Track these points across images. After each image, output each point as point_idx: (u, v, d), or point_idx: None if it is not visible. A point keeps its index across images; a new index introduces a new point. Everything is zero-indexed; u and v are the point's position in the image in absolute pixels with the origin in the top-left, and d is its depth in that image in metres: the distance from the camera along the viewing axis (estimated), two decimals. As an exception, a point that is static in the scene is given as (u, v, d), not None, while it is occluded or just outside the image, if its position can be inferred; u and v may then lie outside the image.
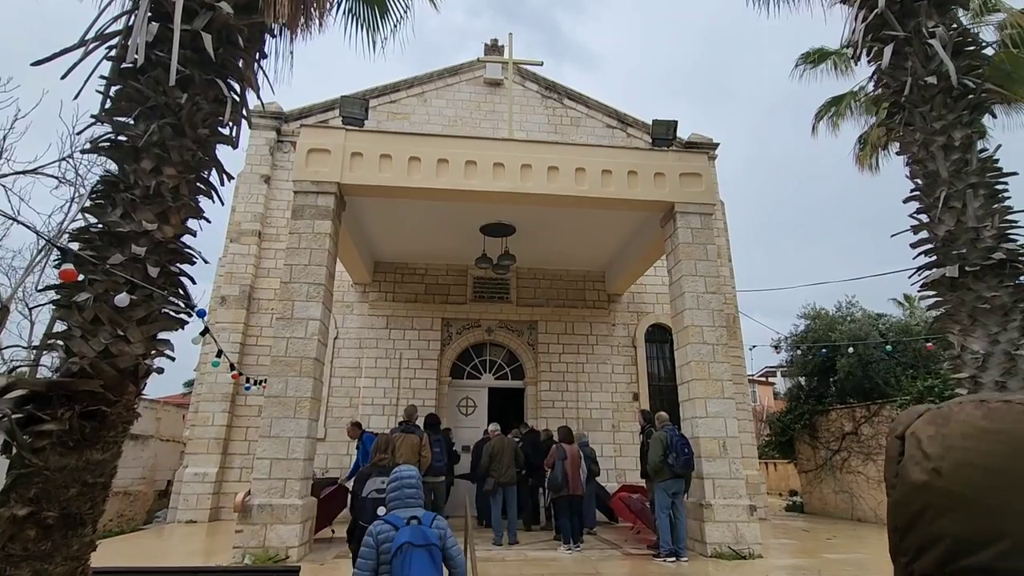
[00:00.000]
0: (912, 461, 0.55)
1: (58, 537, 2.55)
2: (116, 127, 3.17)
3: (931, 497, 0.52)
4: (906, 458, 0.56)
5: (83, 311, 2.82)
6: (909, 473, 0.55)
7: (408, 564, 2.57)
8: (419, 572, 2.56)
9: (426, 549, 2.63)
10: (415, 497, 2.85)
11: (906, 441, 0.57)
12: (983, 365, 3.51)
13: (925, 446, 0.54)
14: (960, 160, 3.83)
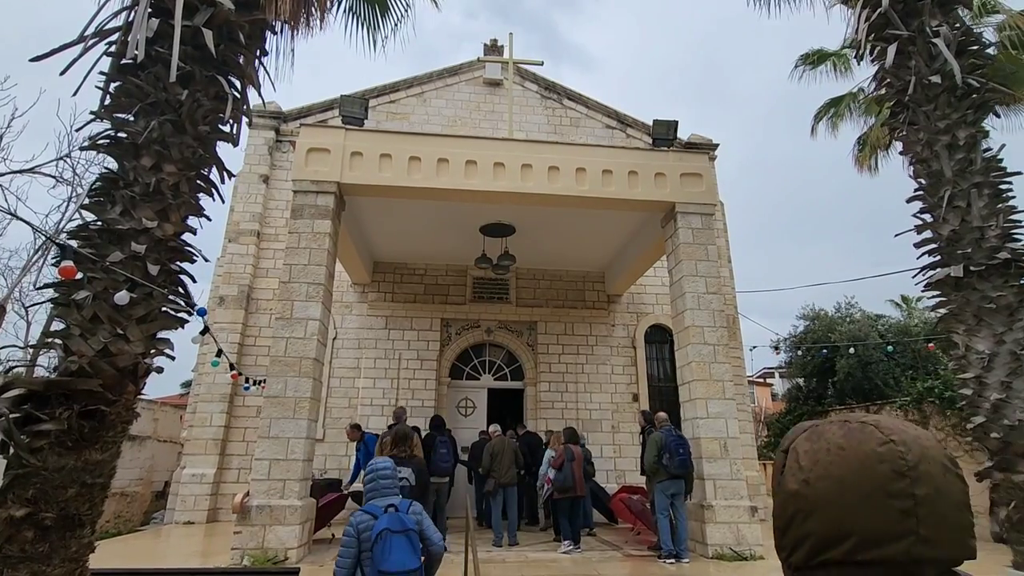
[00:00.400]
0: (790, 472, 0.67)
1: (56, 538, 2.51)
2: (116, 124, 3.13)
3: (800, 503, 0.64)
4: (786, 469, 0.67)
5: (82, 309, 2.78)
6: (787, 482, 0.66)
7: (388, 549, 2.73)
8: (399, 555, 2.73)
9: (404, 534, 2.81)
10: (391, 487, 3.01)
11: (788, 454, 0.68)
12: (988, 365, 3.49)
13: (800, 459, 0.66)
14: (964, 159, 3.82)
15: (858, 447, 0.64)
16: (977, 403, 3.55)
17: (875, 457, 0.63)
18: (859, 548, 0.61)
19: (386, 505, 2.91)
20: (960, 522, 0.64)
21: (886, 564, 0.61)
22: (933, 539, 0.61)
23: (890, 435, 0.65)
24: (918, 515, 0.61)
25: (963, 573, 0.69)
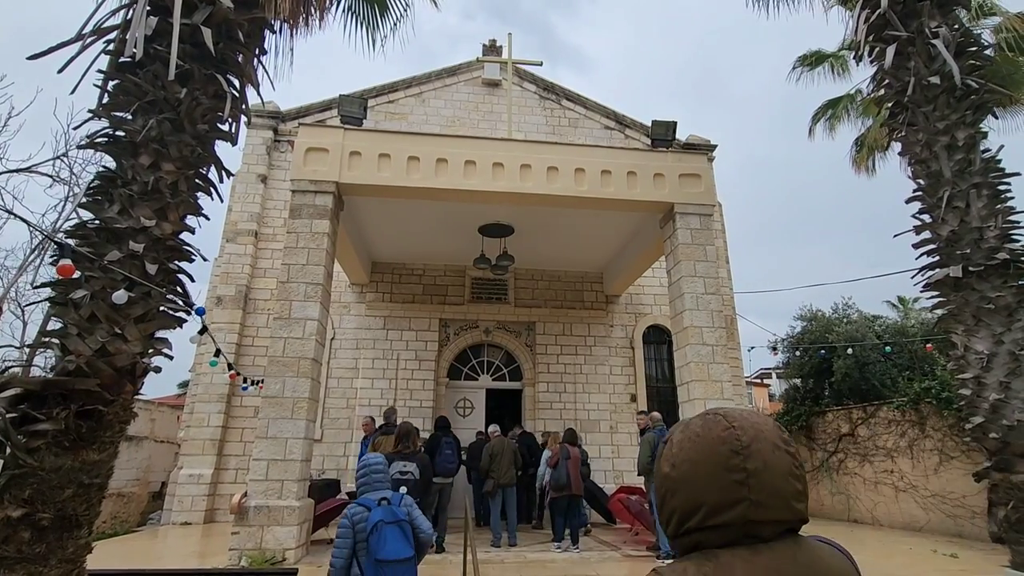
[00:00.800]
0: (664, 458, 0.82)
1: (53, 539, 2.49)
2: (114, 122, 3.12)
3: (669, 483, 0.80)
4: (663, 456, 0.83)
5: (80, 309, 2.77)
6: (662, 467, 0.82)
7: (384, 539, 2.90)
8: (394, 545, 2.90)
9: (397, 525, 2.98)
10: (383, 481, 3.19)
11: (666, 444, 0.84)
12: (987, 365, 3.49)
13: (672, 447, 0.82)
14: (963, 160, 3.83)
15: (708, 433, 0.79)
16: (976, 403, 3.55)
17: (718, 440, 0.78)
18: (708, 516, 0.76)
19: (379, 498, 3.07)
20: (786, 489, 0.78)
21: (730, 526, 0.76)
22: (764, 503, 0.75)
23: (732, 422, 0.81)
24: (749, 484, 0.76)
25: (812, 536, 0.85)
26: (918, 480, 10.00)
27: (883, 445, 10.85)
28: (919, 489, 9.96)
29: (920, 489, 9.94)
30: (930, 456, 9.80)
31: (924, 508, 9.83)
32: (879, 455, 10.94)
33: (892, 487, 10.55)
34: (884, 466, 10.77)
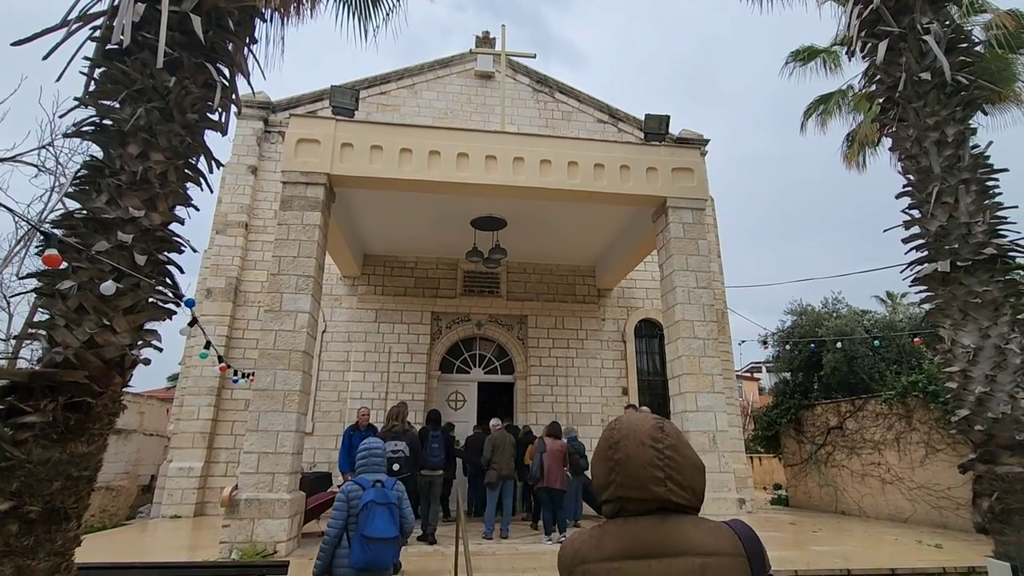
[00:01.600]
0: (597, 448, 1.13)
1: (41, 532, 2.47)
2: (101, 110, 3.06)
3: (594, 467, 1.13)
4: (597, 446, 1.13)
5: (67, 300, 2.73)
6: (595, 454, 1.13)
7: (372, 518, 3.22)
8: (381, 524, 3.23)
9: (386, 507, 3.28)
10: (380, 465, 3.48)
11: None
12: (974, 359, 3.54)
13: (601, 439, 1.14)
14: (953, 156, 3.86)
15: (606, 431, 1.14)
16: (962, 396, 3.61)
17: (604, 437, 1.13)
18: (599, 492, 1.11)
19: (374, 480, 3.35)
20: (645, 476, 1.05)
21: (610, 501, 1.08)
22: (626, 485, 1.05)
23: (616, 423, 1.14)
24: (616, 471, 1.07)
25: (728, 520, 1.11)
26: (904, 472, 10.15)
27: (870, 438, 11.00)
28: (905, 481, 10.12)
29: (906, 481, 10.10)
30: (916, 449, 9.95)
31: (910, 500, 9.99)
32: (866, 448, 11.09)
33: (879, 479, 10.71)
34: (871, 458, 10.93)
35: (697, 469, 1.11)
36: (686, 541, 1.02)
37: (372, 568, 3.20)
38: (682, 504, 1.07)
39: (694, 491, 1.09)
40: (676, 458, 1.08)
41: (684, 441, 1.13)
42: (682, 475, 1.08)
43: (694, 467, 1.11)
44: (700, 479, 1.11)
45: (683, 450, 1.11)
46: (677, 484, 1.07)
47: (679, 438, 1.12)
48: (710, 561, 0.99)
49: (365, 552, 3.17)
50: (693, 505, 1.09)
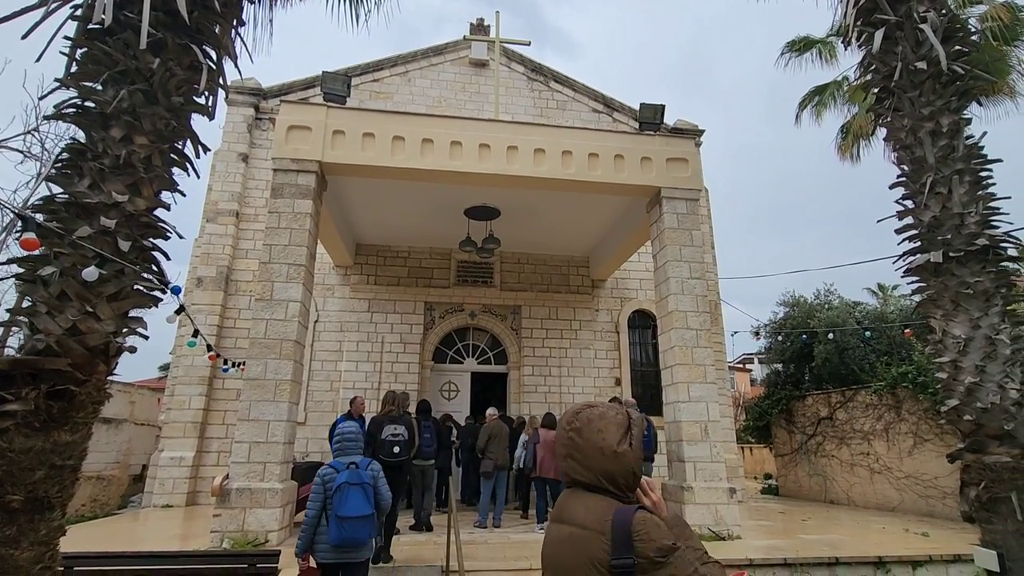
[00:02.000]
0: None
1: (24, 521, 2.43)
2: (83, 92, 2.98)
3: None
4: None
5: (49, 286, 2.67)
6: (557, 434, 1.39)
7: (345, 498, 3.45)
8: (354, 503, 3.46)
9: (360, 487, 3.50)
10: (354, 448, 3.71)
11: None
12: (964, 349, 3.56)
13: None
14: (947, 146, 3.85)
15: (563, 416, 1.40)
16: (952, 386, 3.62)
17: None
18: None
19: (348, 462, 3.57)
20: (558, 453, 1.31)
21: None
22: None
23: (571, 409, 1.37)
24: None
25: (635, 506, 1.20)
26: (893, 462, 10.27)
27: (860, 428, 11.11)
28: (893, 471, 10.24)
29: (894, 471, 10.22)
30: (905, 439, 10.05)
31: (898, 489, 10.11)
32: (856, 438, 11.20)
33: (868, 469, 10.83)
34: (860, 448, 11.04)
35: (600, 453, 1.24)
36: (573, 514, 1.21)
37: (347, 544, 3.46)
38: (586, 481, 1.25)
39: (595, 472, 1.24)
40: (577, 440, 1.27)
41: (596, 428, 1.27)
42: (582, 455, 1.26)
43: (597, 450, 1.25)
44: (603, 462, 1.24)
45: (587, 434, 1.27)
46: (578, 463, 1.27)
47: (589, 425, 1.28)
48: (575, 532, 1.18)
49: (340, 530, 3.43)
50: (598, 484, 1.24)
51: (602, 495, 1.24)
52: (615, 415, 1.32)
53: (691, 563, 1.13)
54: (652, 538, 1.12)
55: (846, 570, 5.92)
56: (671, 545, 1.12)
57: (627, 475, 1.25)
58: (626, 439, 1.27)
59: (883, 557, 6.09)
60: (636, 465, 1.27)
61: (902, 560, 6.11)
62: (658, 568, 1.11)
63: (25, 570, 2.41)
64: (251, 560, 4.87)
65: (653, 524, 1.15)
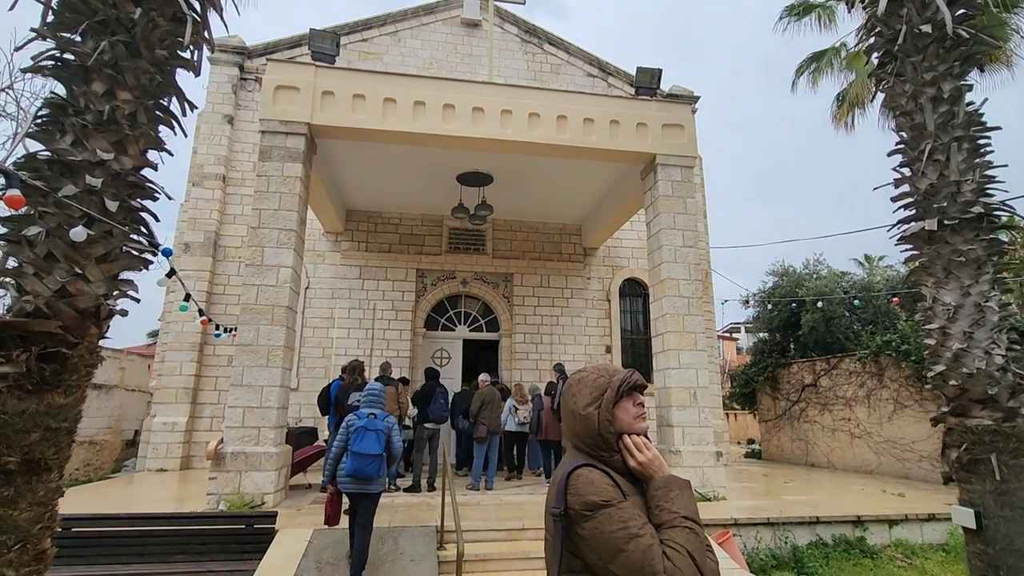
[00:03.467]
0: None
1: (21, 483, 2.42)
2: (61, 43, 2.84)
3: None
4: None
5: (35, 247, 2.59)
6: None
7: (361, 438, 4.36)
8: (368, 443, 4.35)
9: (374, 432, 4.40)
10: (377, 402, 4.62)
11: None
12: (953, 316, 3.61)
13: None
14: (948, 113, 3.82)
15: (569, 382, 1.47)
16: (939, 352, 3.68)
17: None
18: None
19: (369, 412, 4.51)
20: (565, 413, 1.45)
21: None
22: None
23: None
24: None
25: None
26: (872, 427, 10.58)
27: (843, 395, 11.39)
28: (873, 435, 10.56)
29: (874, 435, 10.53)
30: (885, 405, 10.34)
31: (876, 453, 10.45)
32: (838, 404, 11.49)
33: (848, 433, 11.15)
34: (842, 414, 11.35)
35: (571, 414, 1.37)
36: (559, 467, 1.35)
37: (359, 475, 4.33)
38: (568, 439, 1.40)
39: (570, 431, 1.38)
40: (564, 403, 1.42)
41: (573, 392, 1.39)
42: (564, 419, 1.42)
43: (568, 412, 1.38)
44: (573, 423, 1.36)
45: (565, 397, 1.41)
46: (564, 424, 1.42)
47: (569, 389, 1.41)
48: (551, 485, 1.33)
49: (354, 463, 4.32)
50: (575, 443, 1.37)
51: (577, 453, 1.35)
52: (594, 380, 1.37)
53: (620, 521, 1.16)
54: (580, 492, 1.21)
55: (826, 528, 6.15)
56: (598, 502, 1.19)
57: (592, 436, 1.32)
58: (595, 403, 1.33)
59: (861, 516, 6.33)
60: (602, 428, 1.31)
61: (879, 519, 6.36)
62: (585, 520, 1.19)
63: (24, 530, 2.41)
64: (248, 521, 4.96)
65: (585, 480, 1.22)
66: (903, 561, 5.87)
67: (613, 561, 1.14)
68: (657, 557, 1.12)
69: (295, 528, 5.12)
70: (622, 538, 1.14)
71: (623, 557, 1.13)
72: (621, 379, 1.36)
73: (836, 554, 5.86)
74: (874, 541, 6.16)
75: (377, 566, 4.60)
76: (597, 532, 1.16)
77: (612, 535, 1.15)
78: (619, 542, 1.14)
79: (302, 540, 4.84)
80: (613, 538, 1.15)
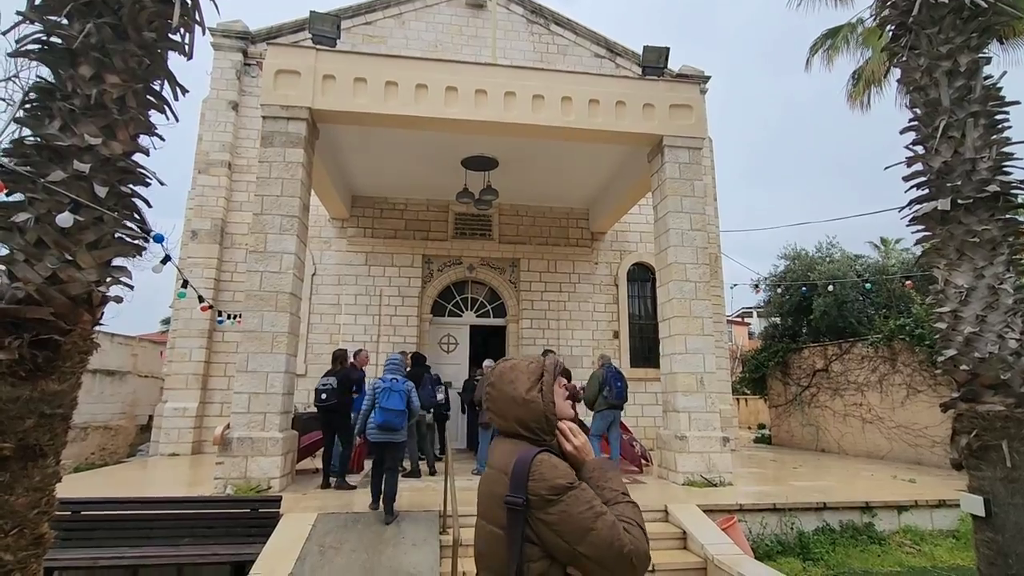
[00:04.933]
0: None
1: (17, 468, 2.43)
2: (47, 26, 2.80)
3: None
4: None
5: (25, 233, 2.57)
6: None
7: (386, 397, 5.30)
8: (392, 401, 5.30)
9: (396, 392, 5.36)
10: (398, 370, 5.63)
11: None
12: (966, 299, 3.49)
13: None
14: (964, 87, 3.66)
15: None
16: (950, 336, 3.58)
17: None
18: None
19: (392, 377, 5.48)
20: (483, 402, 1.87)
21: None
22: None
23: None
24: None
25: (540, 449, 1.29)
26: (885, 412, 10.44)
27: (854, 380, 11.24)
28: (885, 421, 10.43)
29: (886, 420, 10.40)
30: (898, 390, 10.19)
31: (888, 438, 10.32)
32: (850, 389, 11.35)
33: (860, 419, 11.03)
34: (854, 399, 11.21)
35: (511, 401, 1.35)
36: (493, 458, 1.35)
37: (387, 426, 5.28)
38: (504, 429, 1.37)
39: (509, 419, 1.35)
40: (492, 392, 1.40)
41: (508, 379, 1.38)
42: (496, 405, 1.39)
43: (508, 399, 1.35)
44: (515, 409, 1.34)
45: (500, 386, 1.39)
46: (495, 413, 1.39)
47: (502, 377, 1.39)
48: (492, 473, 1.32)
49: (382, 416, 5.27)
50: (514, 431, 1.35)
51: (518, 440, 1.34)
52: (527, 366, 1.41)
53: (586, 502, 1.18)
54: (546, 477, 1.20)
55: (833, 514, 6.10)
56: (565, 485, 1.19)
57: (539, 420, 1.33)
58: (536, 387, 1.35)
59: (870, 502, 6.26)
60: (547, 410, 1.33)
61: (888, 505, 6.28)
62: (551, 505, 1.18)
63: (21, 515, 2.43)
64: (253, 505, 5.01)
65: (549, 465, 1.22)
66: (911, 547, 5.80)
67: (582, 542, 1.14)
68: (621, 531, 1.16)
69: (300, 513, 5.17)
70: (590, 517, 1.16)
71: (592, 536, 1.14)
72: (554, 363, 1.42)
73: (843, 540, 5.81)
74: (882, 527, 6.09)
75: (380, 549, 4.63)
76: (565, 515, 1.17)
77: (581, 516, 1.16)
78: (587, 522, 1.16)
79: (306, 524, 4.89)
80: (582, 519, 1.16)
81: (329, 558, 4.49)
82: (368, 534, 4.86)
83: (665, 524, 5.58)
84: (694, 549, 5.15)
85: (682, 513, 5.55)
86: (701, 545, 5.02)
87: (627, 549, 1.14)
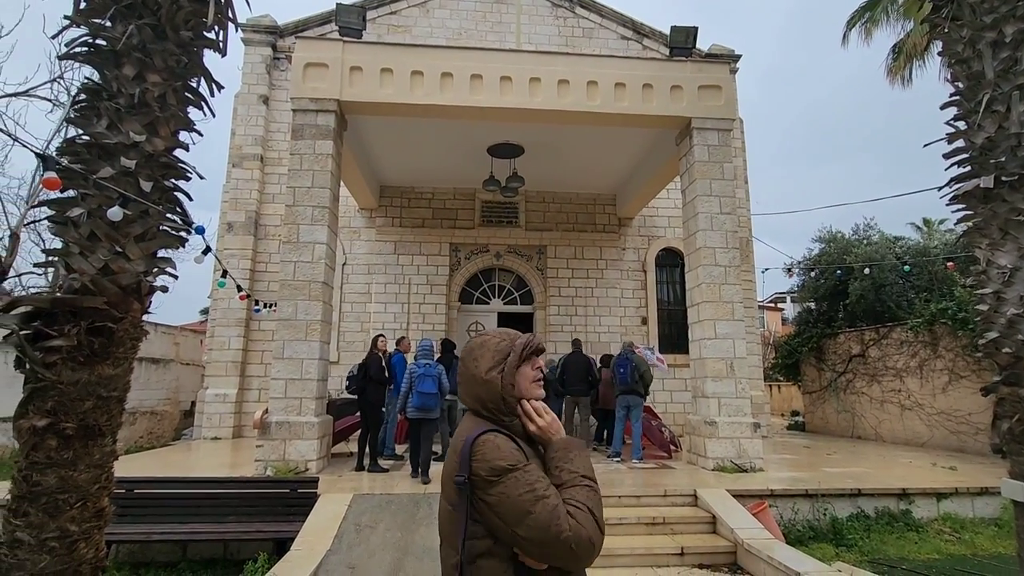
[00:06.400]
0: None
1: (79, 446, 2.61)
2: (93, 29, 2.94)
3: None
4: None
5: (79, 227, 2.74)
6: None
7: (422, 381, 6.04)
8: (427, 385, 6.05)
9: (430, 377, 6.09)
10: (429, 355, 6.30)
11: None
12: (1009, 280, 3.36)
13: None
14: (1009, 59, 3.49)
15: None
16: (992, 319, 3.46)
17: None
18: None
19: (425, 363, 6.16)
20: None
21: None
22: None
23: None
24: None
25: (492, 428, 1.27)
26: (925, 399, 10.14)
27: (893, 365, 10.93)
28: (925, 407, 10.13)
29: (926, 407, 10.10)
30: (940, 376, 9.87)
31: (928, 425, 10.03)
32: (888, 375, 11.04)
33: (898, 405, 10.73)
34: (892, 385, 10.91)
35: (472, 379, 1.35)
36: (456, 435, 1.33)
37: (423, 407, 6.08)
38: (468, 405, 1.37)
39: (470, 397, 1.36)
40: (461, 368, 1.40)
41: (474, 356, 1.37)
42: (463, 381, 1.39)
43: (469, 377, 1.35)
44: (475, 387, 1.34)
45: (465, 361, 1.39)
46: (462, 389, 1.40)
47: (470, 353, 1.39)
48: (450, 451, 1.31)
49: (419, 399, 6.04)
50: (476, 408, 1.35)
51: (478, 419, 1.33)
52: (496, 343, 1.38)
53: (527, 484, 1.16)
54: (487, 458, 1.19)
55: (868, 501, 5.99)
56: (505, 467, 1.18)
57: (495, 400, 1.31)
58: (499, 367, 1.33)
59: (907, 489, 6.13)
60: (505, 392, 1.31)
61: (926, 492, 6.14)
62: (491, 486, 1.17)
63: (84, 490, 2.62)
64: (293, 486, 5.22)
65: (492, 446, 1.21)
66: (951, 535, 5.67)
67: (520, 524, 1.13)
68: (562, 516, 1.13)
69: (336, 493, 5.36)
70: (529, 500, 1.14)
71: (530, 519, 1.13)
72: (523, 343, 1.39)
73: (878, 527, 5.71)
74: (920, 515, 5.96)
75: (413, 529, 4.78)
76: (504, 497, 1.16)
77: (519, 499, 1.15)
78: (526, 505, 1.14)
79: (342, 504, 5.07)
80: (520, 501, 1.14)
81: (365, 536, 4.66)
82: (402, 515, 5.02)
83: (694, 508, 5.59)
84: (724, 533, 5.15)
85: (711, 497, 5.54)
86: (731, 529, 5.02)
87: (565, 535, 1.11)
